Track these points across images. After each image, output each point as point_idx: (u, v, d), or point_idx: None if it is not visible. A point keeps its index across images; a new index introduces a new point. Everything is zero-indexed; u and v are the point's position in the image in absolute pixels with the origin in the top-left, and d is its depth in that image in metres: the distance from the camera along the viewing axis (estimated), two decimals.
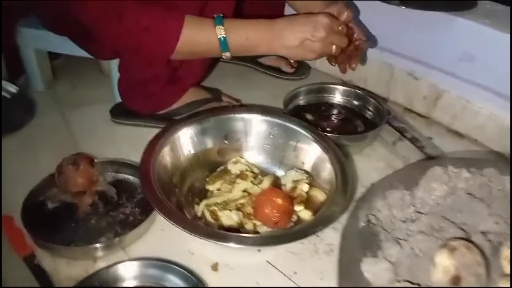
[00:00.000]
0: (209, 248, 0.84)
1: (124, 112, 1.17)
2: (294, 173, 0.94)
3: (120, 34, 0.90)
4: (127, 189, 0.95)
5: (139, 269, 0.76)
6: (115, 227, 0.86)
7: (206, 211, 0.87)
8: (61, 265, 0.80)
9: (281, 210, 0.85)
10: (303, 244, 0.87)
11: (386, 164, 1.07)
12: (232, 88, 1.29)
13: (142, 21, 0.88)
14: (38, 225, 0.84)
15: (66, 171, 0.91)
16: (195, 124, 0.97)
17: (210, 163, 0.99)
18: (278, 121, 0.99)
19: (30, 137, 1.13)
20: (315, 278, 0.80)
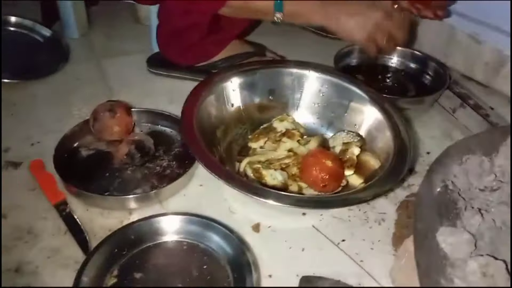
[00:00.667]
0: (250, 208, 0.78)
1: (162, 62, 1.10)
2: (344, 135, 0.86)
3: None
4: (165, 141, 0.89)
5: (178, 224, 0.70)
6: (151, 179, 0.81)
7: (249, 168, 0.81)
8: (95, 215, 0.75)
9: (330, 173, 0.78)
10: (352, 211, 0.80)
11: (443, 132, 0.98)
12: (277, 45, 1.21)
13: None
14: (71, 172, 0.79)
15: (102, 118, 0.85)
16: (240, 76, 0.89)
17: (252, 119, 0.92)
18: (331, 78, 0.91)
19: (63, 84, 1.08)
20: (365, 248, 0.73)
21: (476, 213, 0.53)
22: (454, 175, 0.57)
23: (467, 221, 0.52)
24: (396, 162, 0.74)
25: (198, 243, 0.70)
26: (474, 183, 0.58)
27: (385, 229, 0.77)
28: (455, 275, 0.48)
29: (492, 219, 0.54)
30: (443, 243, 0.50)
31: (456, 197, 0.55)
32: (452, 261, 0.49)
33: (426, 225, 0.51)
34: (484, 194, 0.57)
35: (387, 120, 0.82)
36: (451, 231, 0.50)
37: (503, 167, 0.61)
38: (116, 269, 0.65)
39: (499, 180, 0.59)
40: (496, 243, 0.52)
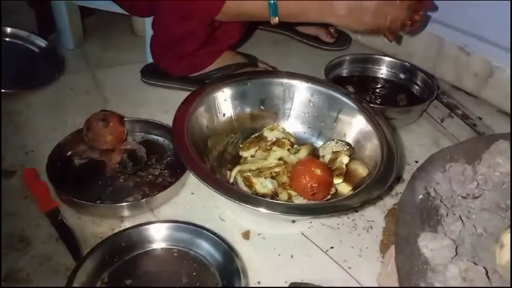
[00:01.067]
0: (240, 216, 0.79)
1: (155, 73, 1.12)
2: (334, 144, 0.88)
3: None
4: (157, 150, 0.91)
5: (167, 231, 0.71)
6: (143, 188, 0.82)
7: (240, 177, 0.82)
8: (87, 223, 0.76)
9: (320, 181, 0.79)
10: (341, 219, 0.81)
11: (432, 141, 1.00)
12: (268, 56, 1.23)
13: None
14: (63, 181, 0.81)
15: (95, 127, 0.86)
16: (232, 86, 0.91)
17: (244, 128, 0.93)
18: (320, 88, 0.92)
19: (58, 94, 1.09)
20: (354, 255, 0.75)
21: (457, 219, 0.54)
22: (436, 183, 0.59)
23: (448, 227, 0.53)
24: (383, 170, 0.75)
25: (187, 250, 0.71)
26: (456, 191, 0.60)
27: (373, 236, 0.78)
28: (435, 279, 0.49)
29: (473, 226, 0.55)
30: (424, 249, 0.51)
31: (438, 204, 0.56)
32: (433, 266, 0.50)
33: (408, 231, 0.52)
34: (466, 201, 0.59)
35: (375, 130, 0.84)
36: (433, 236, 0.52)
37: (486, 175, 0.62)
38: (107, 276, 0.66)
39: (481, 188, 0.61)
40: (476, 249, 0.54)
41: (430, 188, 0.57)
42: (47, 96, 1.07)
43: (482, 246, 0.54)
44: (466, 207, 0.58)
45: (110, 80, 1.15)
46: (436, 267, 0.50)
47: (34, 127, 0.97)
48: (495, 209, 0.57)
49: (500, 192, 0.59)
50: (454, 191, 0.59)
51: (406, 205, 0.55)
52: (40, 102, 1.05)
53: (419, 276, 0.49)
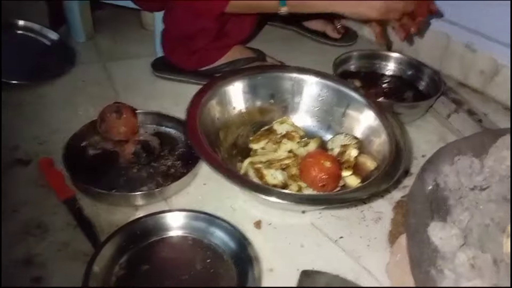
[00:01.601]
0: (252, 206, 0.81)
1: (166, 66, 1.14)
2: (343, 137, 0.90)
3: None
4: (169, 142, 0.93)
5: (182, 220, 0.73)
6: (156, 178, 0.84)
7: (251, 168, 0.84)
8: (102, 211, 0.78)
9: (329, 173, 0.81)
10: (350, 210, 0.83)
11: (438, 137, 1.02)
12: (277, 52, 1.24)
13: None
14: (79, 170, 0.82)
15: (108, 119, 0.88)
16: (243, 80, 0.92)
17: (254, 121, 0.95)
18: (329, 83, 0.94)
19: (70, 86, 1.11)
20: (362, 245, 0.77)
21: (465, 210, 0.56)
22: (445, 175, 0.61)
23: (456, 217, 0.55)
24: (391, 164, 0.77)
25: (202, 239, 0.73)
26: (464, 183, 0.62)
27: (382, 227, 0.80)
28: (445, 266, 0.51)
29: (480, 216, 0.57)
30: (433, 237, 0.53)
31: (446, 195, 0.58)
32: (442, 254, 0.52)
33: (418, 221, 0.54)
34: (474, 193, 0.61)
35: (383, 124, 0.85)
36: (442, 226, 0.54)
37: (493, 167, 0.64)
38: (124, 261, 0.68)
39: (488, 180, 0.62)
40: (483, 239, 0.56)
41: (439, 180, 0.59)
42: (59, 88, 1.09)
43: (489, 235, 0.56)
44: (474, 198, 0.60)
45: (120, 72, 1.17)
46: (445, 254, 0.52)
47: (47, 118, 0.99)
48: (501, 200, 0.59)
49: (507, 185, 0.61)
50: (462, 183, 0.61)
51: (416, 195, 0.58)
52: (53, 94, 1.07)
53: (430, 263, 0.51)
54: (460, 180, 0.62)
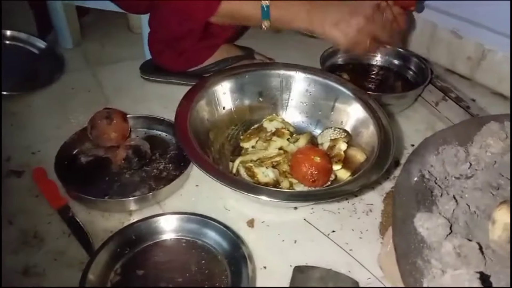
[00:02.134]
0: (244, 205, 0.82)
1: (154, 69, 1.14)
2: (332, 132, 0.90)
3: None
4: (160, 145, 0.93)
5: (176, 223, 0.74)
6: (149, 182, 0.85)
7: (242, 167, 0.84)
8: (96, 218, 0.79)
9: (319, 168, 0.81)
10: (341, 204, 0.84)
11: (427, 125, 1.02)
12: (265, 48, 1.25)
13: None
14: (71, 178, 0.83)
15: (99, 125, 0.89)
16: (230, 79, 0.93)
17: (243, 120, 0.96)
18: (317, 78, 0.95)
19: (60, 93, 1.11)
20: (354, 237, 0.78)
21: (451, 199, 0.57)
22: (431, 165, 0.62)
23: (442, 206, 0.56)
24: (380, 155, 0.78)
25: (195, 240, 0.74)
26: (450, 172, 0.63)
27: (373, 219, 0.81)
28: (432, 256, 0.52)
29: (466, 204, 0.58)
30: (420, 228, 0.54)
31: (432, 185, 0.59)
32: (429, 244, 0.53)
33: (404, 212, 0.55)
34: (460, 181, 0.62)
35: (371, 116, 0.86)
36: (428, 216, 0.55)
37: (478, 155, 0.65)
38: (119, 267, 0.69)
39: (473, 168, 0.63)
40: (470, 226, 0.56)
41: (425, 170, 0.60)
42: (49, 96, 1.10)
43: (475, 223, 0.57)
44: (460, 187, 0.61)
45: (110, 77, 1.17)
46: (432, 244, 0.53)
47: (39, 127, 1.00)
48: (487, 188, 0.60)
49: (492, 172, 0.62)
50: (448, 172, 0.62)
51: (401, 187, 0.58)
52: (43, 103, 1.07)
53: (416, 253, 0.52)
54: (446, 170, 0.63)
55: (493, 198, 0.58)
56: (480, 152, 0.65)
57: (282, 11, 0.90)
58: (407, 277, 0.48)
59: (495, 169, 0.63)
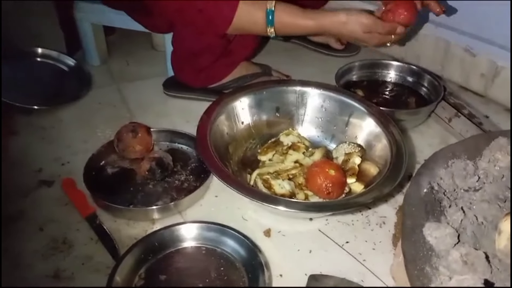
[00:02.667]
0: (261, 215, 0.86)
1: (176, 85, 1.20)
2: (346, 146, 0.94)
3: (174, 11, 0.92)
4: (182, 158, 0.98)
5: (196, 231, 0.78)
6: (171, 192, 0.89)
7: (259, 180, 0.88)
8: (122, 226, 0.84)
9: (334, 181, 0.85)
10: (355, 216, 0.87)
11: (441, 140, 1.05)
12: (282, 64, 1.30)
13: (197, 3, 0.91)
14: (99, 188, 0.88)
15: (125, 139, 0.94)
16: (249, 96, 0.97)
17: (261, 134, 1.00)
18: (332, 94, 0.98)
19: (87, 108, 1.17)
20: (368, 248, 0.80)
21: (459, 210, 0.60)
22: (440, 178, 0.65)
23: (450, 217, 0.59)
24: (393, 168, 0.81)
25: (215, 248, 0.78)
26: (459, 184, 0.65)
27: (386, 231, 0.84)
28: (440, 264, 0.55)
29: (474, 215, 0.61)
30: (429, 237, 0.57)
31: (441, 197, 0.62)
32: (437, 252, 0.56)
33: (413, 221, 0.58)
34: (468, 194, 0.64)
35: (384, 131, 0.89)
36: (436, 226, 0.57)
37: (486, 169, 0.68)
38: (143, 272, 0.73)
39: (482, 182, 0.66)
40: (478, 236, 0.59)
41: (434, 182, 0.63)
42: (77, 111, 1.16)
43: (482, 233, 0.59)
44: (468, 199, 0.63)
45: (134, 93, 1.23)
46: (440, 252, 0.55)
47: (68, 140, 1.05)
48: (494, 200, 0.62)
49: (499, 185, 0.65)
50: (457, 185, 0.65)
51: (411, 198, 0.61)
52: (71, 117, 1.13)
53: (425, 260, 0.55)
54: (455, 182, 0.65)
55: (500, 210, 0.61)
56: (489, 166, 0.67)
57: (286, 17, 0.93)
58: (415, 281, 0.51)
59: (503, 182, 0.65)
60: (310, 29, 0.96)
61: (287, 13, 0.93)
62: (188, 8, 0.93)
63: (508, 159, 0.68)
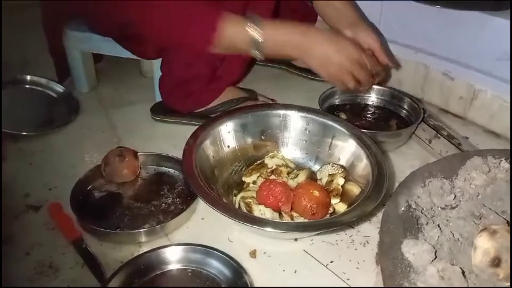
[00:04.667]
0: (247, 237, 0.87)
1: (164, 110, 1.22)
2: (330, 167, 0.96)
3: (164, 26, 0.94)
4: (168, 181, 0.99)
5: (182, 253, 0.79)
6: (158, 215, 0.90)
7: (242, 203, 0.90)
8: (108, 249, 0.84)
9: (318, 202, 0.87)
10: (339, 236, 0.88)
11: (421, 161, 1.07)
12: (267, 89, 1.33)
13: (184, 15, 0.92)
14: (86, 212, 0.89)
15: (112, 163, 0.95)
16: (234, 120, 1.00)
17: (247, 157, 1.02)
18: (314, 117, 1.01)
19: (76, 134, 1.19)
20: (352, 267, 0.82)
21: (435, 227, 0.62)
22: (417, 196, 0.67)
23: (427, 234, 0.61)
24: (374, 188, 0.83)
25: (200, 270, 0.78)
26: (436, 202, 0.68)
27: (369, 250, 0.85)
28: (418, 279, 0.56)
29: (450, 232, 0.63)
30: (407, 253, 0.58)
31: (418, 214, 0.64)
32: (416, 268, 0.57)
33: (392, 239, 0.60)
34: (445, 211, 0.67)
35: (366, 152, 0.92)
36: (414, 242, 0.59)
37: (462, 188, 0.70)
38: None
39: (458, 200, 0.68)
40: (454, 252, 0.61)
41: (411, 201, 0.65)
42: (66, 137, 1.17)
43: (459, 249, 0.61)
44: (445, 216, 0.65)
45: (122, 118, 1.25)
46: (418, 268, 0.57)
47: (56, 165, 1.06)
48: (470, 217, 0.64)
49: (475, 202, 0.67)
50: (434, 203, 0.67)
51: (389, 216, 0.63)
52: (60, 143, 1.15)
53: (403, 276, 0.56)
54: (432, 200, 0.68)
55: (476, 227, 0.63)
56: (465, 184, 0.70)
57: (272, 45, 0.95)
58: None
59: (478, 200, 0.68)
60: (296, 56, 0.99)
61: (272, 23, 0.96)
62: (176, 22, 0.94)
63: (483, 178, 0.71)
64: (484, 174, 0.71)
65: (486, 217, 0.64)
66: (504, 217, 0.65)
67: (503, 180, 0.70)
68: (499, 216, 0.64)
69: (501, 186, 0.68)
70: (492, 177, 0.71)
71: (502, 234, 0.57)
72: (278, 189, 0.88)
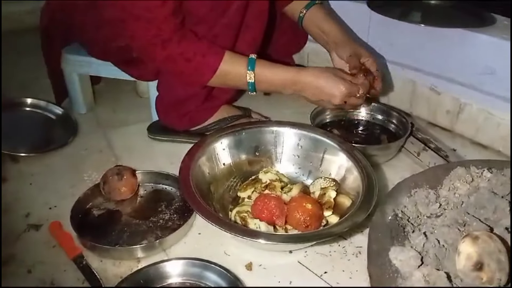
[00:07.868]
0: (243, 250, 0.89)
1: (160, 129, 1.25)
2: (322, 181, 0.99)
3: (163, 59, 0.99)
4: (166, 198, 1.02)
5: (180, 268, 0.81)
6: (156, 231, 0.93)
7: (237, 217, 0.93)
8: (108, 265, 0.86)
9: (311, 214, 0.89)
10: (333, 247, 0.91)
11: (411, 173, 1.08)
12: (261, 107, 1.37)
13: (185, 53, 0.98)
14: (85, 230, 0.91)
15: (111, 181, 0.98)
16: (229, 137, 1.03)
17: (242, 172, 1.05)
18: (306, 132, 1.05)
19: (74, 155, 1.21)
20: (345, 278, 0.84)
21: (421, 234, 0.65)
22: (404, 206, 0.70)
23: (413, 241, 0.64)
24: (364, 199, 0.86)
25: (199, 283, 0.81)
26: (422, 211, 0.71)
27: (362, 260, 0.88)
28: (404, 284, 0.59)
29: (436, 239, 0.66)
30: (394, 260, 0.61)
31: (405, 223, 0.67)
32: (403, 274, 0.60)
33: (379, 246, 0.63)
34: (431, 220, 0.70)
35: (356, 165, 0.95)
36: (401, 249, 0.62)
37: (447, 197, 0.73)
38: None
39: (443, 208, 0.71)
40: (439, 258, 0.64)
41: (398, 210, 0.69)
42: (65, 157, 1.20)
43: (444, 255, 0.64)
44: (430, 224, 0.68)
45: (120, 138, 1.28)
46: (405, 274, 0.60)
47: (55, 185, 1.09)
48: (454, 224, 0.68)
49: (459, 211, 0.70)
50: (420, 212, 0.70)
51: (377, 225, 0.66)
52: (59, 163, 1.17)
53: (390, 282, 0.59)
54: (418, 209, 0.71)
55: (460, 233, 0.66)
56: (449, 194, 0.73)
57: (266, 87, 1.04)
58: None
59: (462, 208, 0.71)
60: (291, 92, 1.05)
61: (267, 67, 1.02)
62: (177, 57, 0.99)
63: (466, 187, 0.74)
64: (468, 183, 0.74)
65: (470, 224, 0.67)
66: (487, 223, 0.68)
67: (485, 189, 0.73)
68: (481, 223, 0.67)
69: (484, 195, 0.72)
70: (475, 186, 0.75)
71: (483, 239, 0.60)
72: (272, 203, 0.91)
